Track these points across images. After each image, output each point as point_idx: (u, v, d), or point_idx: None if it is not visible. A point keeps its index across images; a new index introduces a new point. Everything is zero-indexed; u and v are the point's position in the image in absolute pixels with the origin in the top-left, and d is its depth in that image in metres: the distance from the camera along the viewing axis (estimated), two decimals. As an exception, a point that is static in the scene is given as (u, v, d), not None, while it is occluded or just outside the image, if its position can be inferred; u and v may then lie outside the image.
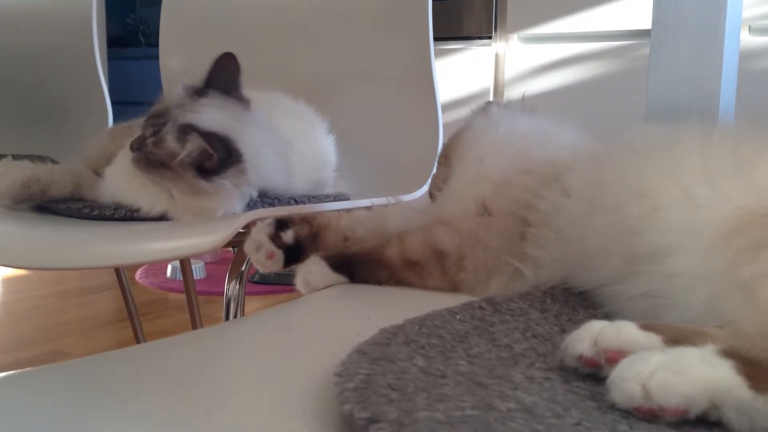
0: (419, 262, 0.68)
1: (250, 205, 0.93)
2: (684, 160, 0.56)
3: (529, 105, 0.84)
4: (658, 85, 0.83)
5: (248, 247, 0.71)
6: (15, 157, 1.04)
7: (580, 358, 0.43)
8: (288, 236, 0.71)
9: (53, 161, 1.11)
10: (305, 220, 0.73)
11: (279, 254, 0.70)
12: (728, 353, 0.39)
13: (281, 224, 0.72)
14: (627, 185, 0.57)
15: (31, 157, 1.07)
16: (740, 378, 0.37)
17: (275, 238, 0.71)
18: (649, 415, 0.37)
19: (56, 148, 1.43)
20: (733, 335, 0.42)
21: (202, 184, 0.87)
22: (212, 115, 0.91)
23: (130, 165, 0.93)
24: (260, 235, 0.71)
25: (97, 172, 1.02)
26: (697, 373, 0.37)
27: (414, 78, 1.23)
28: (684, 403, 0.37)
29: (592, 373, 0.43)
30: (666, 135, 0.62)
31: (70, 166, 1.02)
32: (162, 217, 0.91)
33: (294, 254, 0.71)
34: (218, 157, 0.87)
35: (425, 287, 0.67)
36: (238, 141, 0.89)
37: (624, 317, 0.52)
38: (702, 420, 0.37)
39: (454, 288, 0.67)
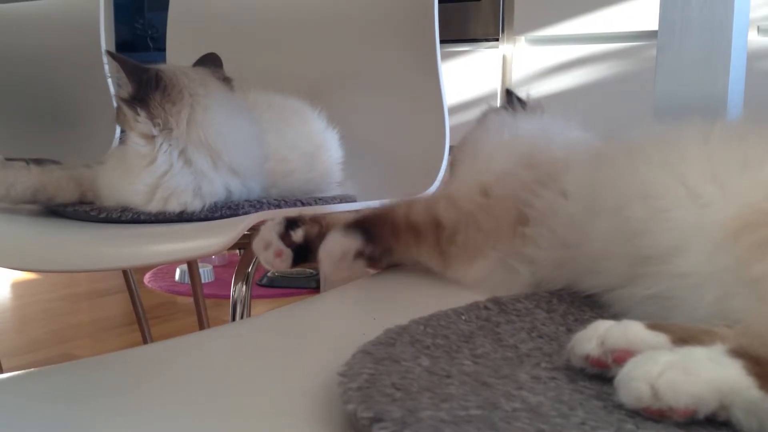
0: (419, 227, 0.69)
1: (256, 206, 0.94)
2: (687, 159, 0.55)
3: (537, 105, 0.86)
4: (666, 85, 0.83)
5: (257, 245, 0.71)
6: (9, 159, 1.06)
7: (587, 358, 0.43)
8: (298, 235, 0.71)
9: (54, 162, 1.12)
10: (315, 219, 0.73)
11: (288, 253, 0.70)
12: (738, 353, 0.38)
13: (291, 223, 0.72)
14: (629, 187, 0.56)
15: (35, 161, 1.08)
16: (750, 378, 0.37)
17: (284, 237, 0.71)
18: (657, 415, 0.37)
19: (64, 152, 1.44)
20: (742, 335, 0.42)
21: (131, 115, 0.91)
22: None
23: (118, 163, 0.95)
24: (270, 233, 0.71)
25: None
26: (707, 373, 0.37)
27: (421, 80, 1.23)
28: (693, 403, 0.36)
29: (599, 373, 0.43)
30: (666, 133, 0.61)
31: (74, 171, 1.03)
32: (162, 216, 0.92)
33: (302, 254, 0.71)
34: (134, 81, 0.92)
35: (419, 254, 0.69)
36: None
37: (632, 318, 0.52)
38: (709, 420, 0.37)
39: (442, 260, 0.68)
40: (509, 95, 0.92)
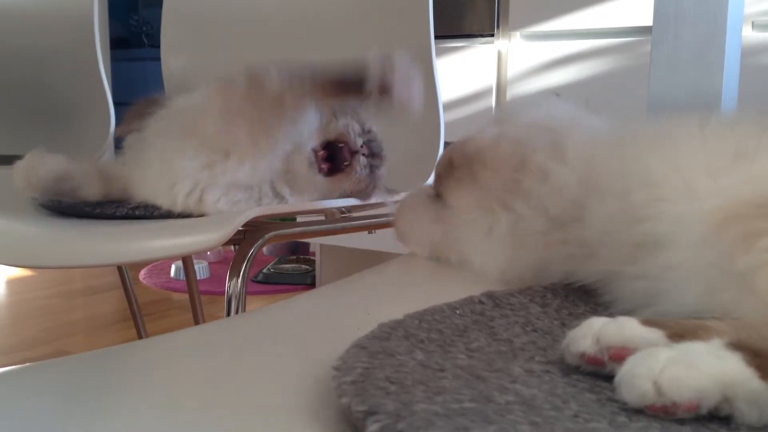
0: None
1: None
2: (683, 148, 0.56)
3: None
4: (660, 81, 0.83)
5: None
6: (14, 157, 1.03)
7: (582, 356, 0.42)
8: None
9: None
10: None
11: None
12: (736, 346, 0.38)
13: None
14: (632, 172, 0.56)
15: None
16: (750, 369, 0.36)
17: None
18: (661, 412, 0.36)
19: (58, 149, 1.43)
20: (740, 327, 0.41)
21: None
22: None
23: (164, 165, 0.92)
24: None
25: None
26: (708, 367, 0.37)
27: (415, 76, 1.22)
28: (696, 397, 0.36)
29: (594, 370, 0.43)
30: (666, 123, 0.62)
31: (101, 165, 1.01)
32: (156, 212, 0.91)
33: None
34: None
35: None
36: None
37: (622, 306, 0.52)
38: (701, 416, 0.37)
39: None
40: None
